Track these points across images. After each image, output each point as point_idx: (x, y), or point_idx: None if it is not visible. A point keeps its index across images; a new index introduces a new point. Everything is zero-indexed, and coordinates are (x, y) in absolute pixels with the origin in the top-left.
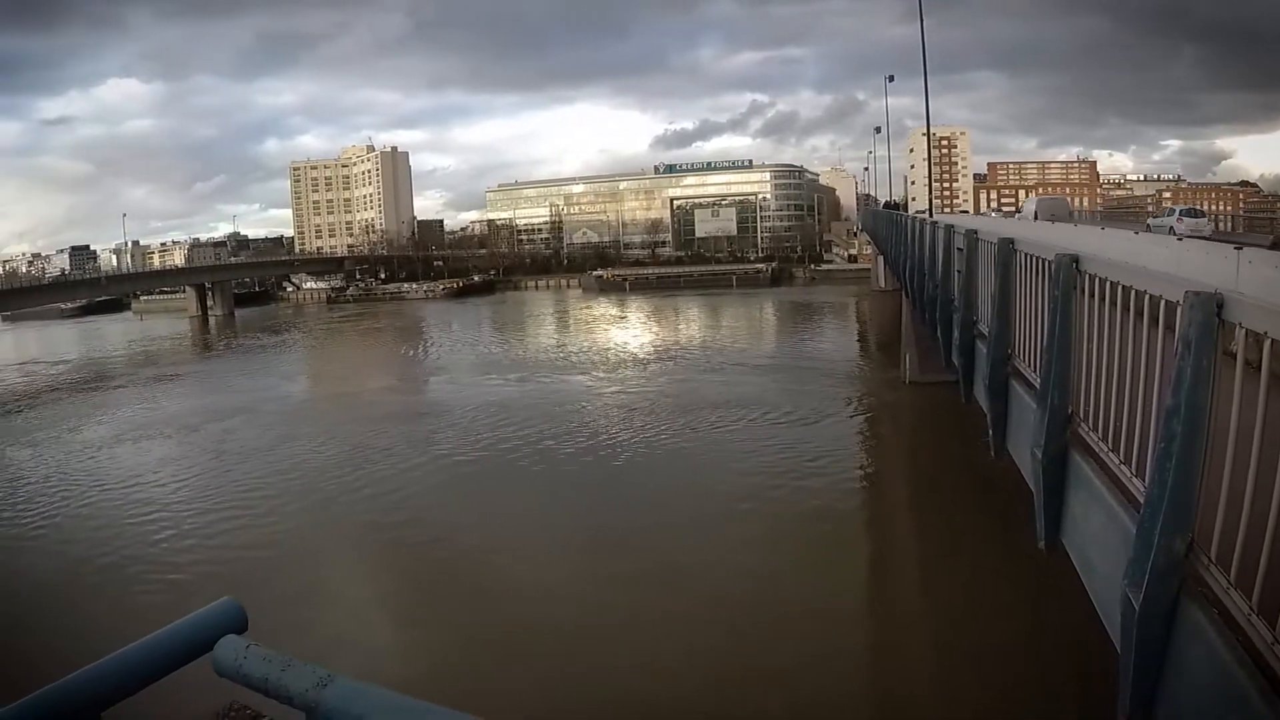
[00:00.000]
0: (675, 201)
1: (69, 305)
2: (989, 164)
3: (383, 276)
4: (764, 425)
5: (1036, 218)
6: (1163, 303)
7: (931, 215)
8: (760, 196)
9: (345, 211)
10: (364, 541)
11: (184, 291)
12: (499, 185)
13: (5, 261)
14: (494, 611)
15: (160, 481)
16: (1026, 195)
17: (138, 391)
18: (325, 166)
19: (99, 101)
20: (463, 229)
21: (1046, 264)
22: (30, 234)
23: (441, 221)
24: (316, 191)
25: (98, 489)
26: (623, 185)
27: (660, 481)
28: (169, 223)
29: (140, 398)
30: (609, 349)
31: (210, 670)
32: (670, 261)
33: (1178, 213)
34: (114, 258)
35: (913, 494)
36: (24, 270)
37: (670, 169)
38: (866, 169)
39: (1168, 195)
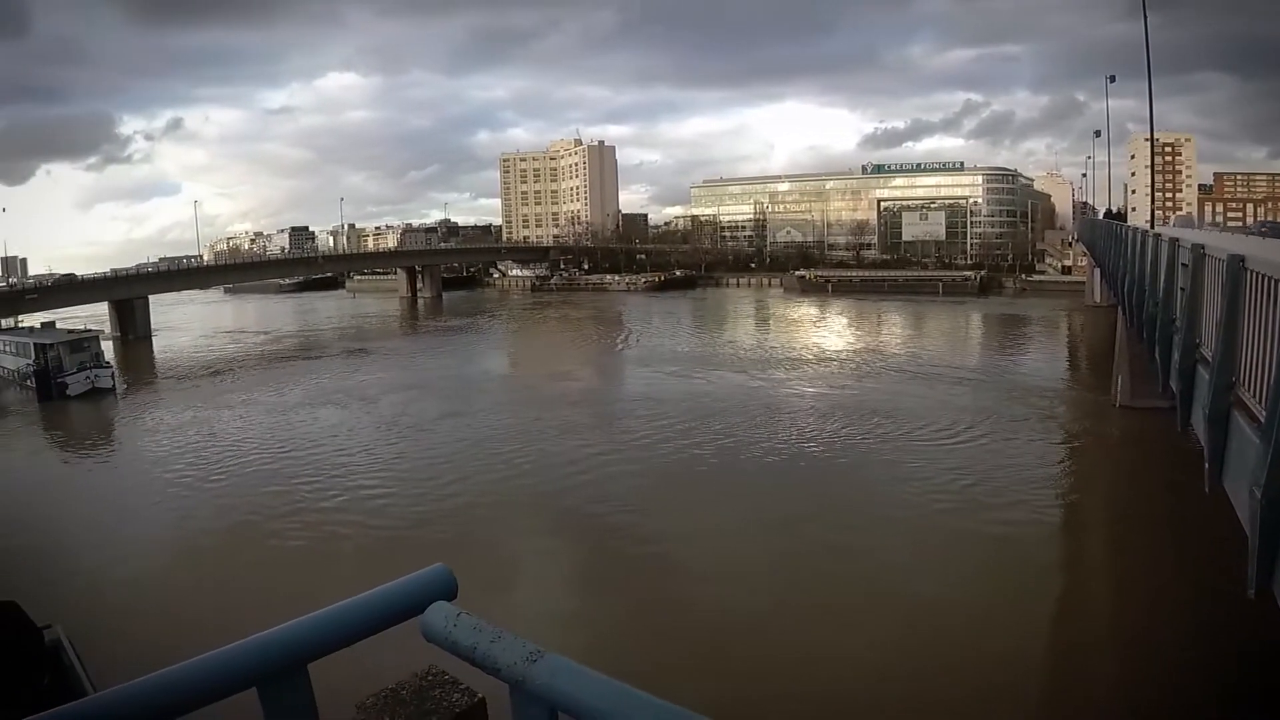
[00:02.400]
0: (882, 203)
1: (287, 281)
2: (1215, 174)
3: (586, 267)
4: (954, 439)
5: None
6: None
7: (1153, 227)
8: (971, 201)
9: (552, 203)
10: (493, 517)
11: (395, 273)
12: (704, 181)
13: (229, 239)
14: (657, 595)
15: (325, 445)
16: (1254, 209)
17: (332, 363)
18: (534, 159)
19: (320, 93)
20: (666, 224)
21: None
22: (253, 214)
23: (646, 216)
24: (525, 182)
25: (278, 450)
26: (829, 184)
27: (856, 480)
28: (383, 208)
29: (333, 369)
30: (804, 350)
31: (406, 632)
32: (875, 264)
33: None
34: (330, 239)
35: (1109, 524)
36: (246, 247)
37: (878, 169)
38: (1084, 175)
39: None
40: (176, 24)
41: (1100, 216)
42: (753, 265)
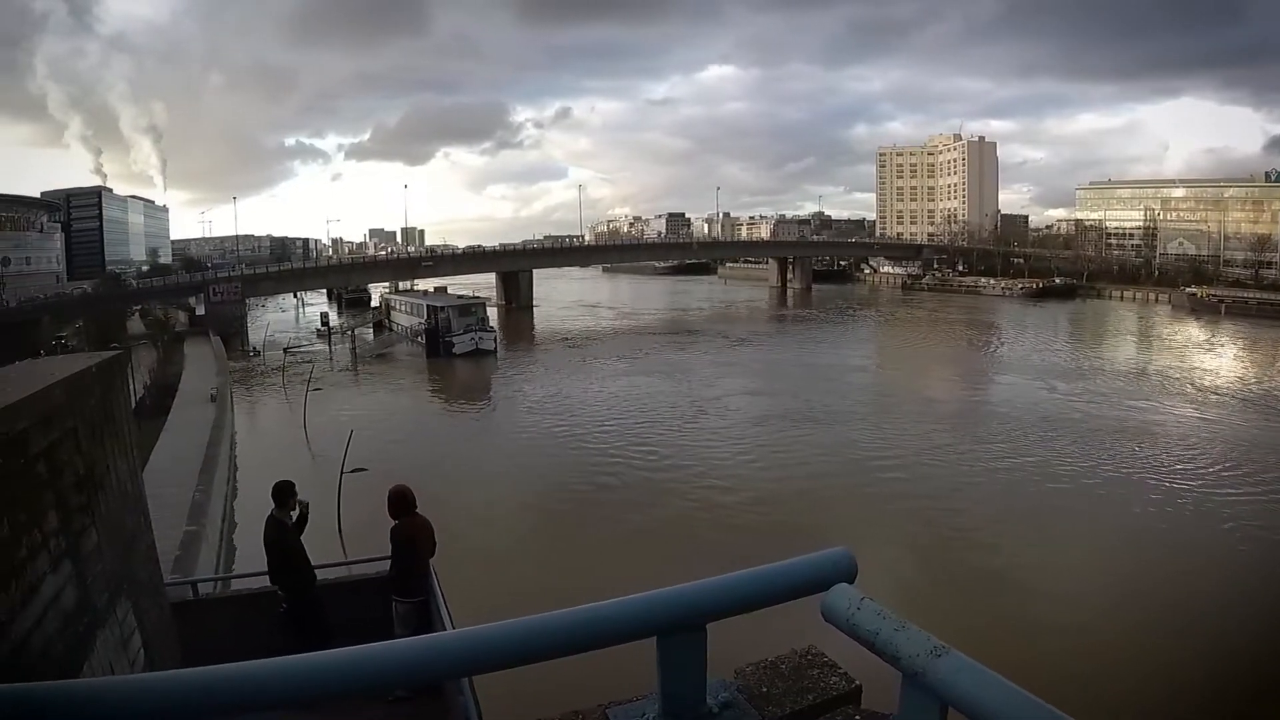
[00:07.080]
0: None
1: (661, 264)
2: None
3: (960, 268)
4: None
5: None
6: None
7: None
8: None
9: (928, 199)
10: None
11: (767, 263)
12: (1090, 183)
13: (609, 221)
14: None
15: (642, 416)
16: None
17: (679, 340)
18: (910, 153)
19: (699, 85)
20: (1048, 227)
21: None
22: (632, 199)
23: (1026, 217)
24: (900, 178)
25: (603, 416)
26: (1228, 192)
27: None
28: (757, 198)
29: (686, 347)
30: (1184, 378)
31: (784, 609)
32: (1275, 286)
33: None
34: (705, 226)
35: None
36: (625, 230)
37: None
38: None
39: None
40: (566, 23)
41: None
42: (1140, 278)
